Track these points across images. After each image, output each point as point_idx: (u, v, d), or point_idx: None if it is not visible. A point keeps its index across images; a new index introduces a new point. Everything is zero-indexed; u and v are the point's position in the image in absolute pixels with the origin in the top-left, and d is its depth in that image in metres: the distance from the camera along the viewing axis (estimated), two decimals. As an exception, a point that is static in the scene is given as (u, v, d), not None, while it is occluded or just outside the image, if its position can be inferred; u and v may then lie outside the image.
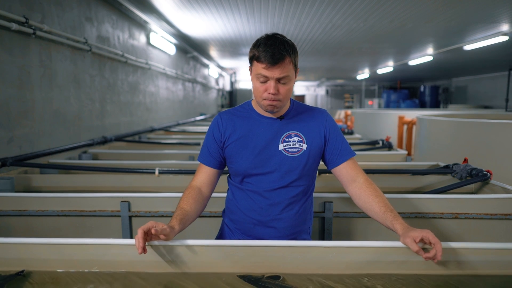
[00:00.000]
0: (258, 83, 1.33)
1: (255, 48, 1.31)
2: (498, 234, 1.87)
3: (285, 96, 1.33)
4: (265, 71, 1.29)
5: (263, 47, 1.28)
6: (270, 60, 1.26)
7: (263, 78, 1.31)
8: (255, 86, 1.35)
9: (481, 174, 2.21)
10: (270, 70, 1.28)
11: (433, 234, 1.15)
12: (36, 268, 1.21)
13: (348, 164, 1.44)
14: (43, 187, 2.49)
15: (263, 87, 1.32)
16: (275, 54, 1.26)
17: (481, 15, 5.57)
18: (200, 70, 10.65)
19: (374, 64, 12.47)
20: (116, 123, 4.68)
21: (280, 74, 1.29)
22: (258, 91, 1.34)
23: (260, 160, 1.40)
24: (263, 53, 1.27)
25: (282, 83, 1.32)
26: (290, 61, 1.30)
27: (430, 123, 4.16)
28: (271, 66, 1.27)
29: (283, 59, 1.27)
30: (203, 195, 1.44)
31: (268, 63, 1.27)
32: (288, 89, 1.33)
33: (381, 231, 1.93)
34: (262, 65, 1.28)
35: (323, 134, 1.44)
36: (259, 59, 1.29)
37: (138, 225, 1.94)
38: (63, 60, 3.42)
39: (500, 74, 13.14)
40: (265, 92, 1.32)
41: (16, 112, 2.79)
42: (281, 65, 1.28)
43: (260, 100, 1.36)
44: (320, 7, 5.11)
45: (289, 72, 1.31)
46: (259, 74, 1.31)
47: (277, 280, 1.16)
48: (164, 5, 5.05)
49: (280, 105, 1.36)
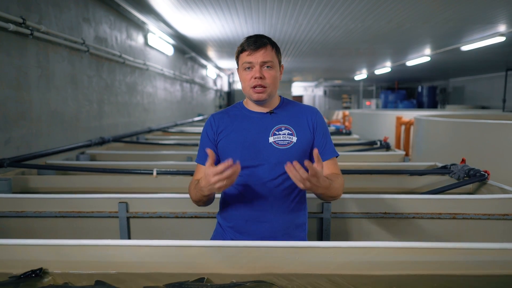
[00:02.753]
0: (245, 73, 1.42)
1: (240, 45, 1.43)
2: (495, 234, 1.88)
3: (271, 81, 1.41)
4: (249, 57, 1.39)
5: (246, 40, 1.41)
6: (253, 46, 1.38)
7: (248, 65, 1.40)
8: (242, 77, 1.43)
9: (478, 175, 2.22)
10: (253, 55, 1.38)
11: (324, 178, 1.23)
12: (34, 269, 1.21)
13: (327, 164, 1.46)
14: (40, 188, 2.48)
15: (249, 74, 1.40)
16: (257, 41, 1.39)
17: (478, 16, 5.59)
18: (198, 70, 10.65)
19: (372, 64, 12.49)
20: (114, 124, 4.67)
21: (264, 58, 1.38)
22: (245, 80, 1.42)
23: (251, 152, 1.42)
24: (246, 42, 1.40)
25: (266, 68, 1.39)
26: (272, 49, 1.41)
27: (427, 123, 4.17)
28: (253, 51, 1.38)
29: (265, 45, 1.39)
30: None
31: (251, 49, 1.38)
32: (273, 75, 1.41)
33: (379, 231, 1.93)
34: (246, 53, 1.40)
35: (312, 129, 1.46)
36: (243, 49, 1.40)
37: (136, 226, 1.95)
38: (61, 61, 3.41)
39: (497, 75, 13.19)
40: (251, 79, 1.39)
41: (14, 113, 2.78)
42: (263, 49, 1.38)
43: (248, 90, 1.42)
44: (318, 8, 5.11)
45: (272, 58, 1.40)
46: (245, 63, 1.41)
47: (201, 282, 1.15)
48: (162, 5, 5.05)
49: (267, 92, 1.41)
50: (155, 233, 1.96)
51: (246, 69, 1.41)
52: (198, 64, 10.55)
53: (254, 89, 1.39)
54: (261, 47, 1.38)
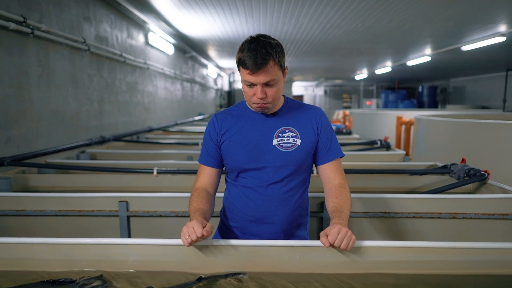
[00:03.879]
0: (246, 88, 1.35)
1: (240, 52, 1.32)
2: (495, 234, 1.88)
3: (274, 97, 1.36)
4: (250, 77, 1.30)
5: (246, 52, 1.28)
6: (253, 67, 1.27)
7: (250, 83, 1.32)
8: (244, 90, 1.37)
9: (478, 174, 2.22)
10: (254, 76, 1.29)
11: (339, 227, 1.17)
12: (34, 268, 1.21)
13: (331, 165, 1.45)
14: (41, 187, 2.48)
15: (251, 91, 1.34)
16: (258, 60, 1.26)
17: (479, 15, 5.59)
18: (198, 70, 10.64)
19: (373, 64, 12.48)
20: (114, 123, 4.67)
21: (265, 79, 1.30)
22: (247, 95, 1.37)
23: (254, 155, 1.41)
24: (247, 58, 1.28)
25: (269, 86, 1.33)
26: (274, 64, 1.30)
27: (428, 123, 4.17)
28: (255, 72, 1.28)
29: (266, 63, 1.27)
30: (210, 195, 1.46)
31: (251, 70, 1.28)
32: (276, 90, 1.35)
33: (379, 231, 1.93)
34: (246, 71, 1.30)
35: (316, 130, 1.45)
36: (244, 64, 1.29)
37: (136, 225, 1.95)
38: (61, 59, 3.41)
39: (498, 75, 13.17)
40: (253, 96, 1.34)
41: (14, 111, 2.78)
42: (265, 69, 1.28)
43: (250, 104, 1.39)
44: (319, 7, 5.11)
45: (275, 75, 1.31)
46: (245, 81, 1.33)
47: (200, 281, 1.16)
48: (163, 5, 5.05)
49: (270, 107, 1.38)
50: (155, 232, 1.96)
51: (248, 85, 1.34)
52: (198, 64, 10.54)
53: (255, 104, 1.36)
54: (262, 67, 1.27)
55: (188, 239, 1.16)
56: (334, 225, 1.19)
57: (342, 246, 1.15)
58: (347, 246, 1.15)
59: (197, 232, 1.16)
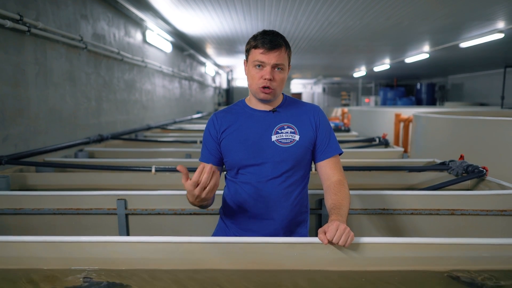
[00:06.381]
0: (255, 70, 1.38)
1: (253, 39, 1.39)
2: (494, 230, 1.88)
3: (279, 84, 1.39)
4: (263, 56, 1.35)
5: (261, 36, 1.36)
6: (268, 46, 1.34)
7: (259, 63, 1.36)
8: (251, 74, 1.40)
9: (477, 171, 2.22)
10: (267, 55, 1.35)
11: (337, 223, 1.17)
12: (33, 266, 1.21)
13: (329, 162, 1.46)
14: (39, 185, 2.48)
15: (259, 73, 1.37)
16: (273, 41, 1.34)
17: (477, 12, 5.59)
18: (196, 68, 10.62)
19: (371, 61, 12.48)
20: (112, 121, 4.66)
21: (277, 60, 1.36)
22: (254, 78, 1.39)
23: (253, 151, 1.42)
24: (261, 40, 1.35)
25: (277, 70, 1.38)
26: (285, 51, 1.38)
27: (426, 120, 4.17)
28: (268, 51, 1.34)
29: (280, 46, 1.36)
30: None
31: (266, 49, 1.34)
32: (282, 78, 1.39)
33: (378, 227, 1.94)
34: (259, 51, 1.35)
35: (314, 127, 1.47)
36: (256, 46, 1.36)
37: (135, 223, 1.95)
38: (59, 57, 3.40)
39: (496, 72, 13.19)
40: (260, 79, 1.37)
41: (11, 110, 2.77)
42: (278, 51, 1.35)
43: (255, 88, 1.40)
44: (317, 5, 5.10)
45: (284, 61, 1.38)
46: (256, 60, 1.37)
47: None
48: (160, 2, 5.03)
49: (274, 94, 1.40)
50: (154, 230, 1.95)
51: (256, 67, 1.38)
52: (196, 61, 10.52)
53: (262, 88, 1.38)
54: (275, 48, 1.34)
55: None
56: (333, 221, 1.20)
57: (340, 242, 1.15)
58: (346, 242, 1.15)
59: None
